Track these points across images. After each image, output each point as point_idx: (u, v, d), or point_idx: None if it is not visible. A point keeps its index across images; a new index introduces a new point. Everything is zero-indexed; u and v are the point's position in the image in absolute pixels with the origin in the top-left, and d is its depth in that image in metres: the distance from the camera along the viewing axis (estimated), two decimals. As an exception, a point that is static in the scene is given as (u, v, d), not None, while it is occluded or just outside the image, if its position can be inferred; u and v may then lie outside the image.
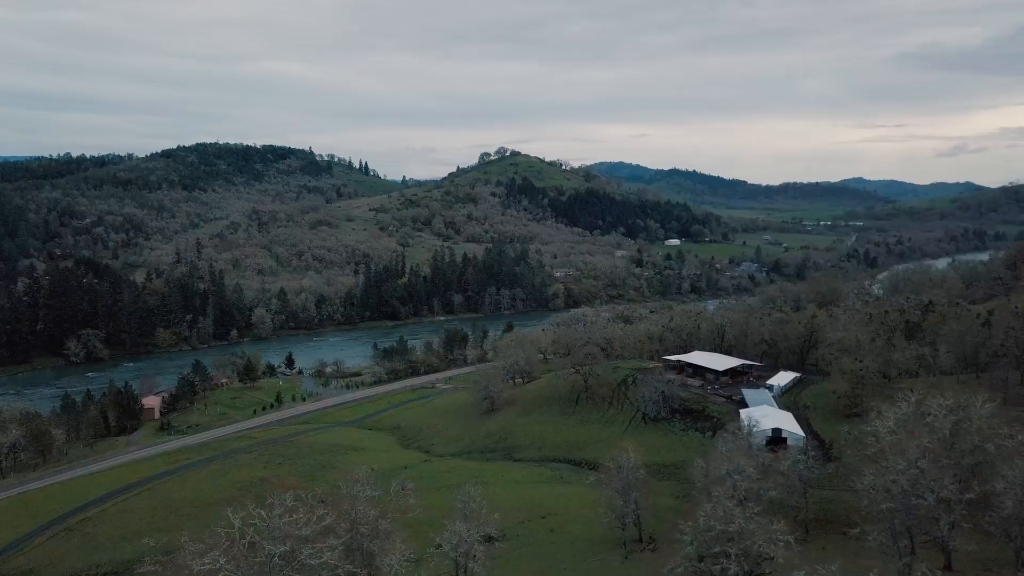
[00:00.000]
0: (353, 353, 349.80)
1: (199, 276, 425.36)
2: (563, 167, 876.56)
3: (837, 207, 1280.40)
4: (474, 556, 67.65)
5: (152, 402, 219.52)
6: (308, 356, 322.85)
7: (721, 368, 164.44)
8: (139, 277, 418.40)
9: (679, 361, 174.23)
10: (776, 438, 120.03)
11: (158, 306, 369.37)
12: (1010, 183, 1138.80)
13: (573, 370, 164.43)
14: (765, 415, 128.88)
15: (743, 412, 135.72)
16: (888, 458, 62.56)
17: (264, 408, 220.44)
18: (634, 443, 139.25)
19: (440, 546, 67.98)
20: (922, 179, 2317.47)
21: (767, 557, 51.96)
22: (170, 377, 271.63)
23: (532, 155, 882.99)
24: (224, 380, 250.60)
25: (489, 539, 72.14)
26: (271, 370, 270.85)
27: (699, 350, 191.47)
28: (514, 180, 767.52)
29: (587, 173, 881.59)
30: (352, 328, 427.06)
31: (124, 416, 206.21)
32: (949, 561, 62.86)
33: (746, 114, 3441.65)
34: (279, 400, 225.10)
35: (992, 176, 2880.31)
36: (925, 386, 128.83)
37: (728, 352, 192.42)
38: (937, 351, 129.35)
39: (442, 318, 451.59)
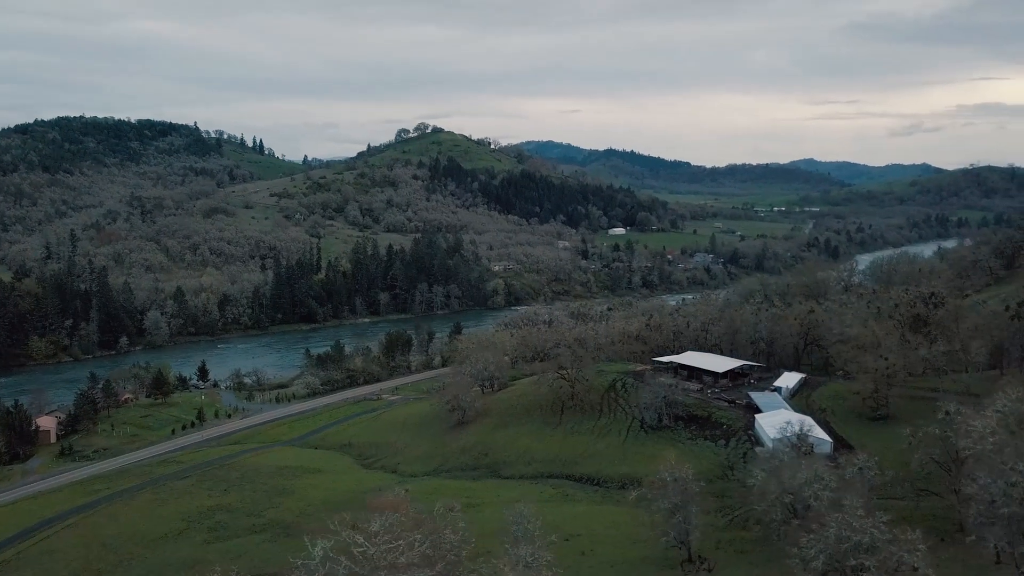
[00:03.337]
0: (268, 362, 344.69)
1: (77, 274, 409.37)
2: (492, 146, 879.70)
3: (789, 191, 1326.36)
4: (537, 584, 68.47)
5: (48, 423, 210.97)
6: (216, 366, 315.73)
7: (721, 370, 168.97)
8: (3, 276, 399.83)
9: (671, 362, 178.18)
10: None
11: (31, 310, 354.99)
12: (971, 165, 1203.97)
13: (558, 374, 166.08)
14: (784, 420, 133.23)
15: (759, 417, 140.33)
16: (1004, 459, 66.63)
17: (184, 427, 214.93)
18: (642, 455, 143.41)
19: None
20: (876, 160, 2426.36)
21: (911, 567, 54.75)
22: (59, 393, 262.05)
23: (457, 132, 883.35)
24: (128, 396, 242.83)
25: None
26: (183, 383, 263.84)
27: (684, 350, 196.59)
28: (438, 161, 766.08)
29: (519, 153, 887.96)
30: (262, 332, 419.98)
31: (16, 441, 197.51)
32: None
33: (687, 88, 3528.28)
34: (201, 418, 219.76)
35: (949, 157, 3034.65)
36: (958, 384, 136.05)
37: (711, 351, 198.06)
38: (968, 346, 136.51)
39: (366, 320, 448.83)
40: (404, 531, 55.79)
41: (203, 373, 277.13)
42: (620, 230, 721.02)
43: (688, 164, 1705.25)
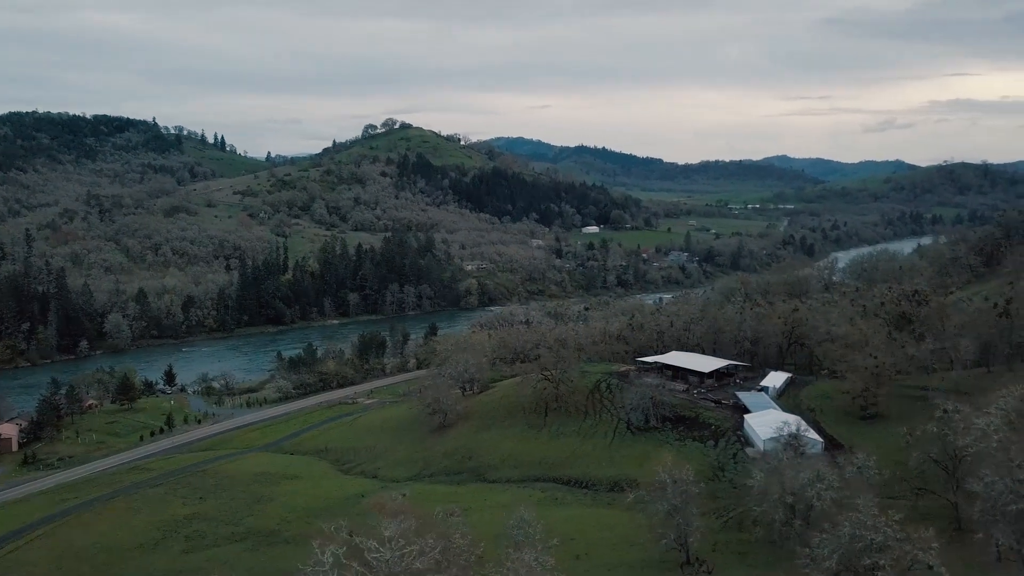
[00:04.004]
0: (235, 365, 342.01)
1: (34, 276, 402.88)
2: (462, 143, 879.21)
3: (763, 188, 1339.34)
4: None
5: (8, 431, 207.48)
6: (181, 369, 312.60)
7: (706, 370, 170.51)
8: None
9: (656, 363, 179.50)
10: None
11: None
12: (944, 162, 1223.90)
13: (542, 376, 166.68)
14: (775, 420, 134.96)
15: (748, 418, 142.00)
16: (1011, 457, 68.24)
17: (152, 433, 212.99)
18: (629, 457, 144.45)
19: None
20: (850, 157, 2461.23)
21: (926, 565, 55.96)
22: (18, 400, 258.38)
23: (426, 128, 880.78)
24: (92, 402, 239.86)
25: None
26: (149, 388, 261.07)
27: (668, 350, 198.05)
28: (407, 157, 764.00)
29: (490, 150, 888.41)
30: (228, 335, 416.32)
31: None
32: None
33: (659, 84, 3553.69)
34: (169, 424, 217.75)
35: (922, 154, 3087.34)
36: (947, 382, 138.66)
37: (693, 351, 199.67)
38: (957, 344, 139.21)
39: (335, 321, 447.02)
40: (416, 536, 56.06)
41: (170, 377, 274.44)
42: (594, 228, 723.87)
43: (660, 161, 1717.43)
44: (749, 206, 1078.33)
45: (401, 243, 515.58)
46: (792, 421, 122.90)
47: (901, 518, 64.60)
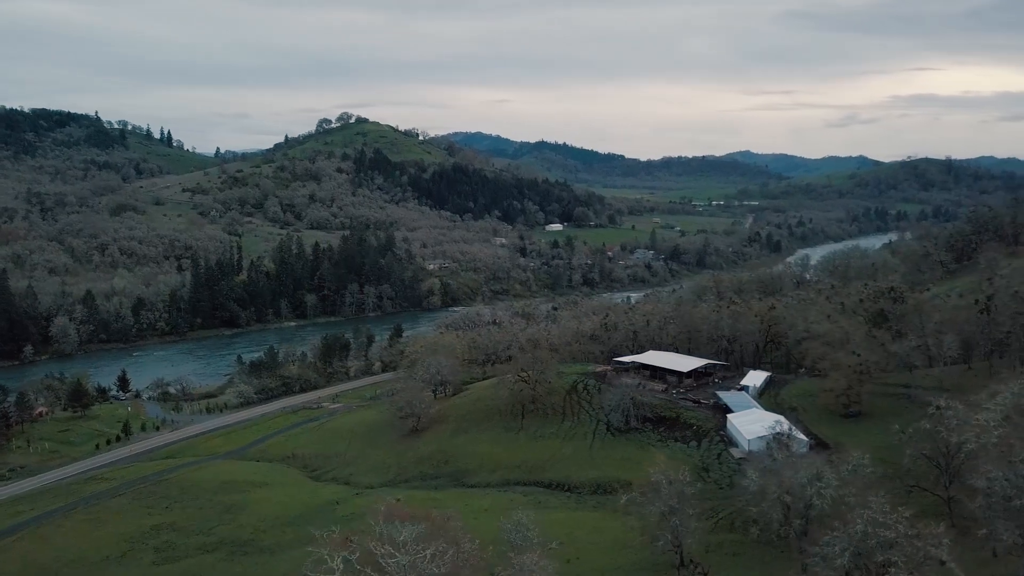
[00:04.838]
0: (190, 370, 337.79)
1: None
2: (420, 138, 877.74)
3: (727, 184, 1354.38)
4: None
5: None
6: (133, 374, 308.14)
7: (685, 369, 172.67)
8: None
9: (633, 362, 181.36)
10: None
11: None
12: (908, 157, 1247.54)
13: (519, 377, 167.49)
14: (757, 419, 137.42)
15: (731, 417, 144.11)
16: (1014, 452, 70.43)
17: (109, 442, 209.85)
18: (611, 459, 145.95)
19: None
20: (813, 152, 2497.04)
21: (938, 561, 57.71)
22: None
23: (382, 123, 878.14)
24: (43, 409, 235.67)
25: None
26: (102, 394, 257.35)
27: (643, 350, 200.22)
28: (364, 153, 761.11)
29: (450, 146, 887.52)
30: (181, 339, 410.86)
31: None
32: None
33: (620, 78, 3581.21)
34: (127, 431, 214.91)
35: (885, 149, 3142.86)
36: (930, 379, 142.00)
37: (667, 350, 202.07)
38: (940, 341, 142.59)
39: (293, 323, 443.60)
40: (427, 541, 56.45)
41: (124, 383, 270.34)
42: (557, 226, 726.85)
43: (622, 157, 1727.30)
44: (713, 203, 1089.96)
45: (360, 242, 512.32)
46: (775, 422, 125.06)
47: (911, 514, 66.49)
